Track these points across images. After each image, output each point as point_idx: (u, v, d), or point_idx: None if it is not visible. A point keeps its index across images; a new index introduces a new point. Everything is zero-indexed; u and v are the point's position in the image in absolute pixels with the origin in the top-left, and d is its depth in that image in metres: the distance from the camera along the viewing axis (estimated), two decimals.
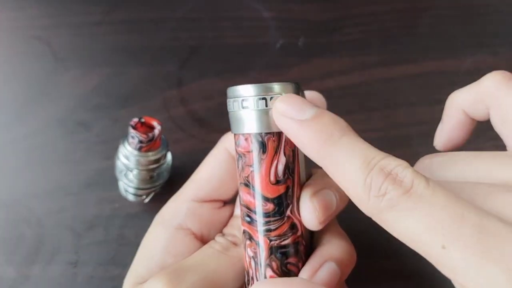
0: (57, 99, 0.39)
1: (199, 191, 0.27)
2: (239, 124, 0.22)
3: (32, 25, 0.42)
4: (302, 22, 0.44)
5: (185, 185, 0.28)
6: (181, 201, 0.27)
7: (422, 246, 0.17)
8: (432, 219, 0.17)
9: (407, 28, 0.45)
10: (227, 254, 0.24)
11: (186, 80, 0.41)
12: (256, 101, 0.21)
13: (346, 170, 0.19)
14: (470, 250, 0.16)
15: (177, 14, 0.44)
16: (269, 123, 0.21)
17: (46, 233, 0.34)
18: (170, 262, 0.25)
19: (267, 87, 0.21)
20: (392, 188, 0.18)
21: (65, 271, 0.32)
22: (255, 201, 0.22)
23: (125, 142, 0.32)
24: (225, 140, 0.28)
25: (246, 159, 0.22)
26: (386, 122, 0.39)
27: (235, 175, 0.27)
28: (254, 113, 0.22)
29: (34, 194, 0.35)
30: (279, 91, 0.21)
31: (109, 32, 0.43)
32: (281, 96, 0.21)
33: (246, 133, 0.22)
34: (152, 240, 0.27)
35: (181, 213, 0.27)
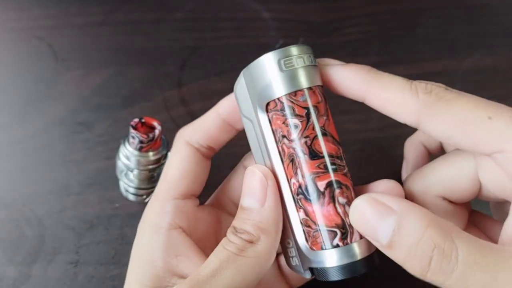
0: (58, 99, 0.39)
1: (177, 188, 0.27)
2: (307, 78, 0.23)
3: (34, 26, 0.43)
4: (302, 22, 0.44)
5: (159, 186, 0.28)
6: (163, 201, 0.27)
7: (472, 122, 0.21)
8: (475, 99, 0.22)
9: (406, 28, 0.45)
10: (245, 256, 0.23)
11: (186, 80, 0.41)
12: (312, 58, 0.24)
13: (392, 85, 0.23)
14: None
15: (177, 15, 0.44)
16: (320, 78, 0.24)
17: (47, 232, 0.34)
18: (174, 263, 0.25)
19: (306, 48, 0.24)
20: (435, 86, 0.23)
21: (65, 271, 0.32)
22: (336, 146, 0.24)
23: (126, 142, 0.32)
24: (183, 134, 0.28)
25: (319, 110, 0.24)
26: (385, 122, 0.39)
27: (203, 166, 0.28)
28: (314, 68, 0.24)
29: (35, 194, 0.35)
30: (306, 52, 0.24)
31: (110, 33, 0.43)
32: None
33: (313, 86, 0.24)
34: (148, 246, 0.26)
35: (168, 213, 0.26)
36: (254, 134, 0.25)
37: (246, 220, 0.24)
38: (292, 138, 0.24)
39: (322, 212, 0.23)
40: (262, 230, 0.23)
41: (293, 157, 0.24)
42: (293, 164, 0.24)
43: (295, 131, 0.23)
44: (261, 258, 0.23)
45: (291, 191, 0.24)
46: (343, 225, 0.23)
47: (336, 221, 0.23)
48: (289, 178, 0.24)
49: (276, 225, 0.24)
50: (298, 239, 0.24)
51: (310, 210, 0.23)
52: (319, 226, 0.23)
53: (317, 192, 0.23)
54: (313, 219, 0.24)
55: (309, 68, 0.24)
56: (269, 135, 0.24)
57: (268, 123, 0.24)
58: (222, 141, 0.28)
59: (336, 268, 0.23)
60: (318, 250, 0.24)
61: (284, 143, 0.24)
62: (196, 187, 0.28)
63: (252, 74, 0.25)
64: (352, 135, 0.38)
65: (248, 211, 0.24)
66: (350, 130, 0.39)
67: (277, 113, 0.24)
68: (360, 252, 0.23)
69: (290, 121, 0.23)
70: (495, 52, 0.43)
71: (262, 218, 0.24)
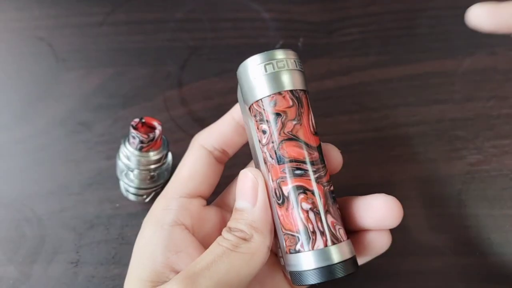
0: (58, 99, 0.39)
1: (185, 188, 0.27)
2: (275, 83, 0.23)
3: (34, 26, 0.43)
4: (301, 23, 0.44)
5: (168, 185, 0.28)
6: (170, 199, 0.27)
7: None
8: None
9: (405, 28, 0.45)
10: (239, 252, 0.24)
11: (186, 81, 0.41)
12: (290, 61, 0.24)
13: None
14: None
15: (177, 15, 0.44)
16: (300, 81, 0.24)
17: (47, 232, 0.34)
18: (174, 259, 0.25)
19: (292, 51, 0.25)
20: None
21: (66, 271, 0.32)
22: (303, 151, 0.24)
23: (126, 142, 0.32)
24: (198, 138, 0.29)
25: (288, 115, 0.24)
26: (385, 122, 0.39)
27: (215, 170, 0.28)
28: (289, 72, 0.24)
29: (36, 193, 0.35)
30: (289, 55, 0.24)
31: (111, 33, 0.43)
32: None
33: (283, 91, 0.23)
34: (150, 241, 0.26)
35: (172, 210, 0.27)
36: (250, 136, 0.26)
37: (239, 220, 0.25)
38: (263, 143, 0.24)
39: (286, 217, 0.24)
40: (255, 229, 0.24)
41: (266, 161, 0.24)
42: (267, 168, 0.25)
43: (264, 136, 0.24)
44: (254, 254, 0.24)
45: None
46: (304, 231, 0.23)
47: (297, 226, 0.23)
48: (269, 181, 0.25)
49: (267, 224, 0.25)
50: (280, 240, 0.25)
51: (279, 213, 0.24)
52: (285, 230, 0.24)
53: (282, 197, 0.24)
54: (282, 222, 0.24)
55: (277, 73, 0.24)
56: (255, 138, 0.25)
57: (255, 126, 0.25)
58: (236, 144, 0.28)
59: (298, 273, 0.23)
60: (287, 253, 0.24)
61: (260, 146, 0.25)
62: (204, 188, 0.28)
63: (240, 79, 0.25)
64: (352, 135, 0.38)
65: (241, 211, 0.25)
66: (350, 130, 0.39)
67: (254, 117, 0.25)
68: (323, 259, 0.23)
69: (260, 127, 0.24)
70: (495, 52, 0.43)
71: (254, 217, 0.24)
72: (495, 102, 0.40)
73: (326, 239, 0.23)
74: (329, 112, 0.40)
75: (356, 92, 0.41)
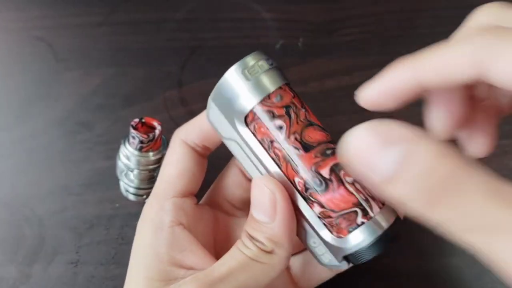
0: (58, 99, 0.39)
1: (176, 187, 0.27)
2: (272, 80, 0.24)
3: (34, 26, 0.43)
4: (302, 23, 0.44)
5: (157, 185, 0.28)
6: (162, 200, 0.27)
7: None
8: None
9: (406, 28, 0.45)
10: (260, 262, 0.23)
11: (186, 81, 0.41)
12: (270, 60, 0.25)
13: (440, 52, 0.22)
14: None
15: (177, 15, 0.44)
16: (284, 75, 0.25)
17: (47, 232, 0.34)
18: (179, 257, 0.25)
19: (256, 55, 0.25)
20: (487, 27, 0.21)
21: (66, 271, 0.32)
22: (323, 132, 0.24)
23: (126, 142, 0.32)
24: (179, 134, 0.28)
25: (295, 104, 0.24)
26: None
27: (200, 165, 0.28)
28: (275, 69, 0.24)
29: (35, 194, 0.35)
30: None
31: (110, 33, 0.43)
32: None
33: (282, 85, 0.24)
34: (152, 243, 0.26)
35: (169, 211, 0.26)
36: (242, 152, 0.25)
37: (258, 231, 0.24)
38: (281, 140, 0.24)
39: (336, 198, 0.23)
40: (275, 243, 0.24)
41: (289, 156, 0.24)
42: (293, 163, 0.24)
43: (281, 132, 0.24)
44: (275, 266, 0.24)
45: (299, 191, 0.24)
46: (360, 202, 0.23)
47: (352, 201, 0.23)
48: (293, 179, 0.24)
49: (288, 238, 0.24)
50: (322, 234, 0.24)
51: (323, 200, 0.24)
52: (338, 212, 0.23)
53: (324, 181, 0.23)
54: (330, 208, 0.24)
55: (270, 71, 0.24)
56: (257, 147, 0.25)
57: (253, 135, 0.25)
58: (217, 141, 0.28)
59: (370, 245, 0.23)
60: (346, 236, 0.24)
61: (275, 147, 0.24)
62: (193, 185, 0.28)
63: (221, 96, 0.25)
64: None
65: (259, 223, 0.24)
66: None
67: (258, 122, 0.24)
68: (386, 219, 0.23)
69: (272, 124, 0.24)
70: None
71: (274, 232, 0.24)
72: None
73: (377, 201, 0.24)
74: (329, 112, 0.40)
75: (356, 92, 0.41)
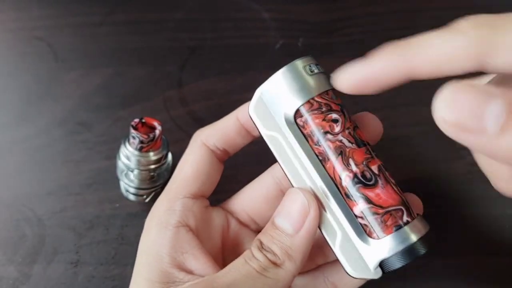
0: (58, 99, 0.39)
1: (189, 188, 0.27)
2: (327, 81, 0.25)
3: (34, 26, 0.43)
4: (302, 23, 0.44)
5: (171, 184, 0.28)
6: (173, 199, 0.27)
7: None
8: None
9: (406, 29, 0.44)
10: (265, 276, 0.23)
11: (186, 81, 0.41)
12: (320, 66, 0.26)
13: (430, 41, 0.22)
14: None
15: (177, 15, 0.44)
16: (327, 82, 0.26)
17: (47, 232, 0.34)
18: (180, 259, 0.25)
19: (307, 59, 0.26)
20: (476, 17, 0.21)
21: (66, 271, 0.32)
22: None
23: (126, 142, 0.32)
24: (200, 135, 0.28)
25: (346, 107, 0.25)
26: (385, 122, 0.39)
27: (217, 169, 0.28)
28: (325, 74, 0.26)
29: (36, 194, 0.35)
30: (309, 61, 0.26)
31: (110, 33, 0.43)
32: None
33: (331, 88, 0.25)
34: (155, 242, 0.26)
35: (177, 211, 0.26)
36: (283, 147, 0.25)
37: (275, 240, 0.23)
38: (337, 131, 0.24)
39: (384, 193, 0.24)
40: (289, 256, 0.23)
41: (342, 149, 0.24)
42: (344, 156, 0.24)
43: (338, 124, 0.25)
44: (280, 281, 0.23)
45: (340, 189, 0.24)
46: (404, 202, 0.24)
47: (398, 199, 0.24)
48: (338, 176, 0.24)
49: (304, 255, 0.23)
50: (360, 237, 0.24)
51: (372, 195, 0.24)
52: (386, 208, 0.24)
53: (375, 176, 0.24)
54: (378, 203, 0.24)
55: (324, 73, 0.26)
56: (302, 142, 0.25)
57: (299, 131, 0.25)
58: (238, 146, 0.28)
59: (411, 246, 0.23)
60: (389, 234, 0.23)
61: (328, 138, 0.24)
62: (207, 188, 0.28)
63: (276, 88, 0.25)
64: None
65: (279, 232, 0.24)
66: None
67: (314, 112, 0.25)
68: (424, 225, 0.24)
69: (331, 116, 0.25)
70: None
71: (293, 245, 0.23)
72: None
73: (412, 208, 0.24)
74: None
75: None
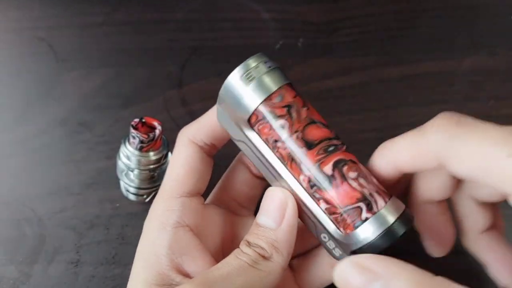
0: (59, 99, 0.39)
1: (184, 187, 0.27)
2: (272, 81, 0.24)
3: (35, 26, 0.43)
4: (301, 23, 0.44)
5: (165, 184, 0.27)
6: (170, 199, 0.27)
7: (488, 161, 0.20)
8: (491, 132, 0.21)
9: (405, 29, 0.45)
10: (257, 268, 0.23)
11: (186, 81, 0.41)
12: (269, 63, 0.25)
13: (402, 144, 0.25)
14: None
15: (177, 15, 0.44)
16: (285, 75, 0.25)
17: (47, 232, 0.34)
18: (179, 261, 0.25)
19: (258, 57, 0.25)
20: (440, 119, 0.24)
21: (66, 271, 0.32)
22: (326, 129, 0.25)
23: (126, 142, 0.32)
24: (186, 133, 0.28)
25: (297, 103, 0.25)
26: (385, 122, 0.39)
27: (208, 164, 0.28)
28: (275, 70, 0.25)
29: (36, 193, 0.35)
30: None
31: (111, 33, 0.43)
32: None
33: (283, 85, 0.25)
34: (153, 243, 0.26)
35: (175, 211, 0.26)
36: (251, 153, 0.26)
37: (260, 236, 0.25)
38: (284, 139, 0.24)
39: (340, 194, 0.24)
40: (276, 249, 0.24)
41: (292, 155, 0.24)
42: (295, 162, 0.24)
43: (283, 131, 0.24)
44: (271, 273, 0.24)
45: (305, 188, 0.25)
46: (364, 197, 0.24)
47: (356, 196, 0.24)
48: (298, 177, 0.25)
49: (289, 246, 0.25)
50: (330, 230, 0.25)
51: (328, 197, 0.24)
52: (343, 208, 0.24)
53: (327, 177, 0.24)
54: (334, 205, 0.24)
55: (269, 72, 0.25)
56: (263, 147, 0.25)
57: (258, 136, 0.25)
58: (224, 138, 0.28)
59: (375, 240, 0.23)
60: (352, 231, 0.24)
61: (279, 146, 0.25)
62: (201, 185, 0.28)
63: (226, 99, 0.26)
64: (352, 135, 0.38)
65: (263, 228, 0.25)
66: (350, 130, 0.39)
67: (261, 123, 0.25)
68: (392, 214, 0.23)
69: (275, 124, 0.24)
70: (495, 52, 0.43)
71: (277, 237, 0.24)
72: (495, 102, 0.40)
73: (384, 195, 0.24)
74: (329, 112, 0.39)
75: (356, 92, 0.41)
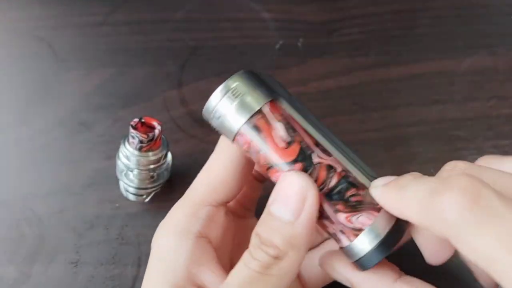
0: (58, 99, 0.39)
1: (216, 195, 0.25)
2: (229, 127, 0.23)
3: (34, 26, 0.43)
4: (301, 23, 0.44)
5: (195, 188, 0.26)
6: (197, 206, 0.25)
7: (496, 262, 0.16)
8: (501, 230, 0.16)
9: (406, 28, 0.45)
10: (269, 275, 0.21)
11: (186, 81, 0.41)
12: (227, 100, 0.23)
13: None
14: None
15: (177, 15, 0.44)
16: (244, 109, 0.23)
17: (47, 232, 0.34)
18: (195, 272, 0.24)
19: (225, 85, 0.23)
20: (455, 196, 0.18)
21: (66, 271, 0.32)
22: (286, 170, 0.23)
23: (126, 142, 0.32)
24: None
25: (254, 148, 0.23)
26: (385, 122, 0.39)
27: (248, 171, 0.26)
28: (232, 109, 0.23)
29: (35, 193, 0.35)
30: (233, 82, 0.23)
31: (110, 33, 0.43)
32: None
33: (238, 131, 0.23)
34: (173, 251, 0.24)
35: (200, 219, 0.24)
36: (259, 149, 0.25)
37: (275, 231, 0.21)
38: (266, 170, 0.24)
39: (320, 225, 0.24)
40: (292, 246, 0.21)
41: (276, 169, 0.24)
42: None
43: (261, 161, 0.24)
44: (286, 274, 0.21)
45: None
46: (337, 231, 0.23)
47: (332, 228, 0.23)
48: None
49: (307, 242, 0.22)
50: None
51: None
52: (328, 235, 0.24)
53: None
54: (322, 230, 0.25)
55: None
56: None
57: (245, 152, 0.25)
58: None
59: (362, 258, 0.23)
60: (344, 247, 0.24)
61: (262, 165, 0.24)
62: (234, 194, 0.26)
63: (209, 117, 0.24)
64: (352, 135, 0.38)
65: (278, 221, 0.21)
66: (350, 130, 0.39)
67: (245, 139, 0.24)
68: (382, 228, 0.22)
69: (251, 155, 0.24)
70: (495, 52, 0.43)
71: (296, 233, 0.21)
72: (495, 102, 0.40)
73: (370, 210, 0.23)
74: (329, 112, 0.40)
75: (356, 92, 0.41)
